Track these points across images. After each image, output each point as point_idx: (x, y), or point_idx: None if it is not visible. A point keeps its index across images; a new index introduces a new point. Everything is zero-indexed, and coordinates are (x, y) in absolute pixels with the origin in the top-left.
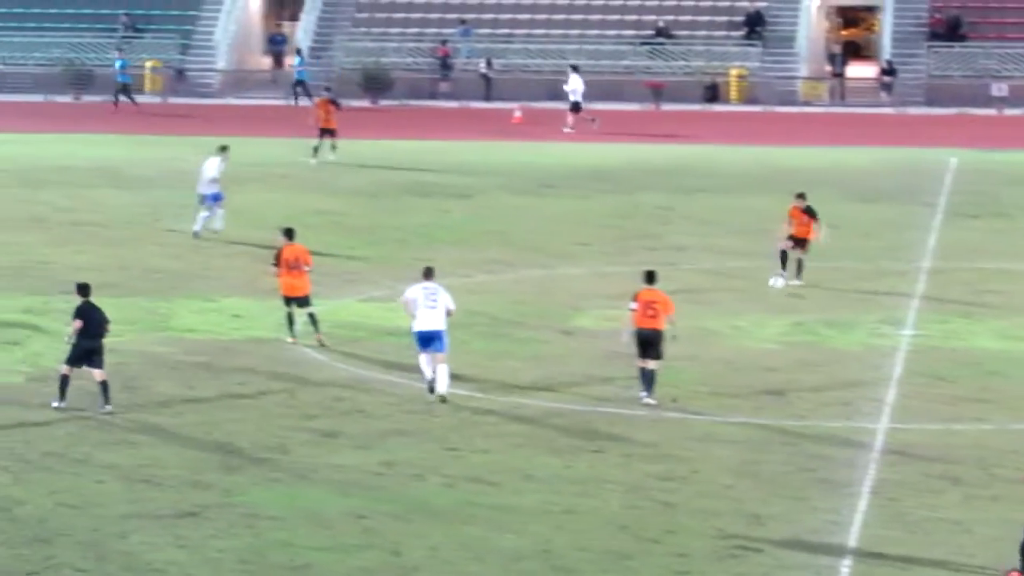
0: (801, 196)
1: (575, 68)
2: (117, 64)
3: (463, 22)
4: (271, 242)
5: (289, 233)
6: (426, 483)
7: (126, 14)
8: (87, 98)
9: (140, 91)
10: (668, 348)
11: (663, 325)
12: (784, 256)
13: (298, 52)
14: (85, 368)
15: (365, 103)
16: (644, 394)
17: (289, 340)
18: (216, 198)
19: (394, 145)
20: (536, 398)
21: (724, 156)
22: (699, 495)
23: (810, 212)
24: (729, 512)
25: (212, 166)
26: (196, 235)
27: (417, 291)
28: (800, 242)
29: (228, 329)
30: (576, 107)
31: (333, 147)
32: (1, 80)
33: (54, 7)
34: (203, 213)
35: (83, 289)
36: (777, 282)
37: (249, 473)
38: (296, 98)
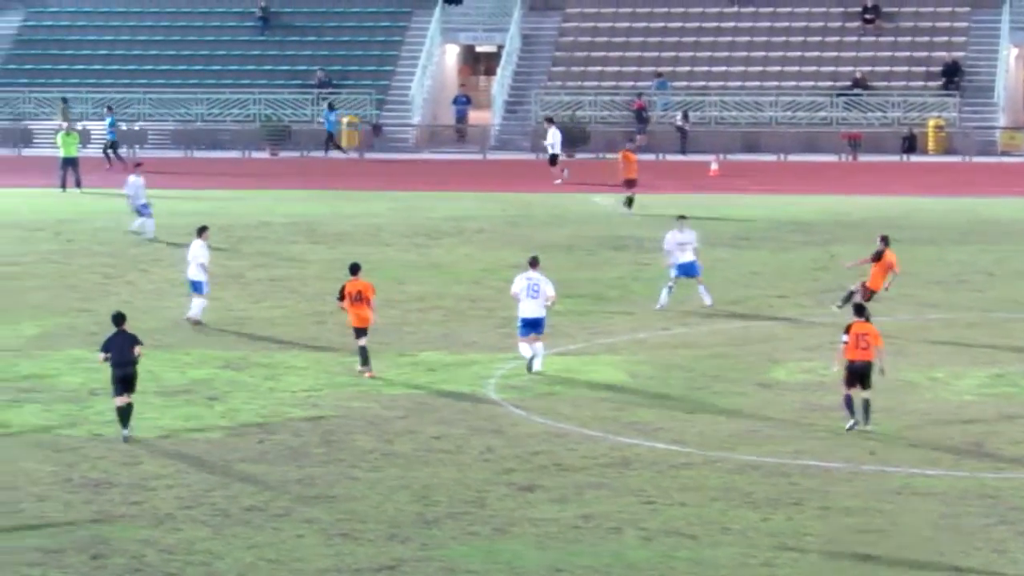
0: (884, 239)
1: (551, 120)
2: (107, 121)
3: (659, 75)
4: (469, 295)
5: (354, 268)
6: (624, 536)
7: (322, 70)
8: (284, 154)
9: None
10: (875, 380)
11: (873, 356)
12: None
13: (330, 106)
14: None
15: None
16: (851, 424)
17: (357, 369)
18: (691, 270)
19: (591, 198)
20: (733, 451)
21: (922, 207)
22: (899, 548)
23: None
24: (929, 565)
25: (676, 236)
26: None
27: (522, 282)
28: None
29: (424, 383)
30: (553, 159)
31: (628, 201)
32: (199, 137)
33: (251, 64)
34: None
35: (116, 319)
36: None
37: (447, 527)
38: (327, 151)
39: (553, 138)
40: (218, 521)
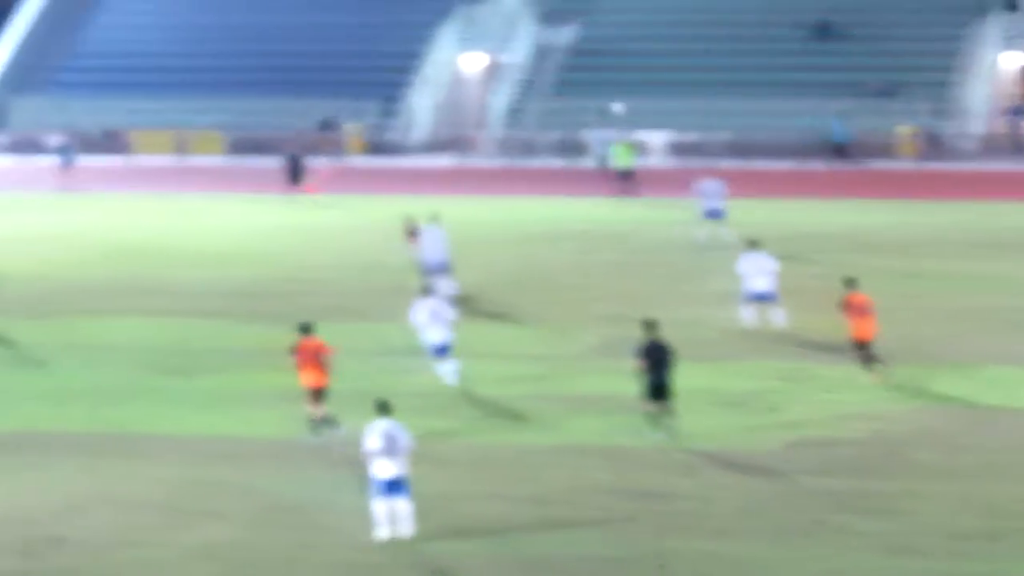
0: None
1: None
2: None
3: None
4: None
5: (851, 282)
6: None
7: (878, 80)
8: (837, 166)
9: (893, 155)
10: None
11: None
12: None
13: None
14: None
15: None
16: None
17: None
18: None
19: None
20: None
21: None
22: None
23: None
24: None
25: None
26: None
27: None
28: None
29: (986, 398)
30: None
31: None
32: (752, 147)
33: (806, 72)
34: None
35: (647, 326)
36: None
37: (1014, 543)
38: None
39: None
40: (777, 534)
